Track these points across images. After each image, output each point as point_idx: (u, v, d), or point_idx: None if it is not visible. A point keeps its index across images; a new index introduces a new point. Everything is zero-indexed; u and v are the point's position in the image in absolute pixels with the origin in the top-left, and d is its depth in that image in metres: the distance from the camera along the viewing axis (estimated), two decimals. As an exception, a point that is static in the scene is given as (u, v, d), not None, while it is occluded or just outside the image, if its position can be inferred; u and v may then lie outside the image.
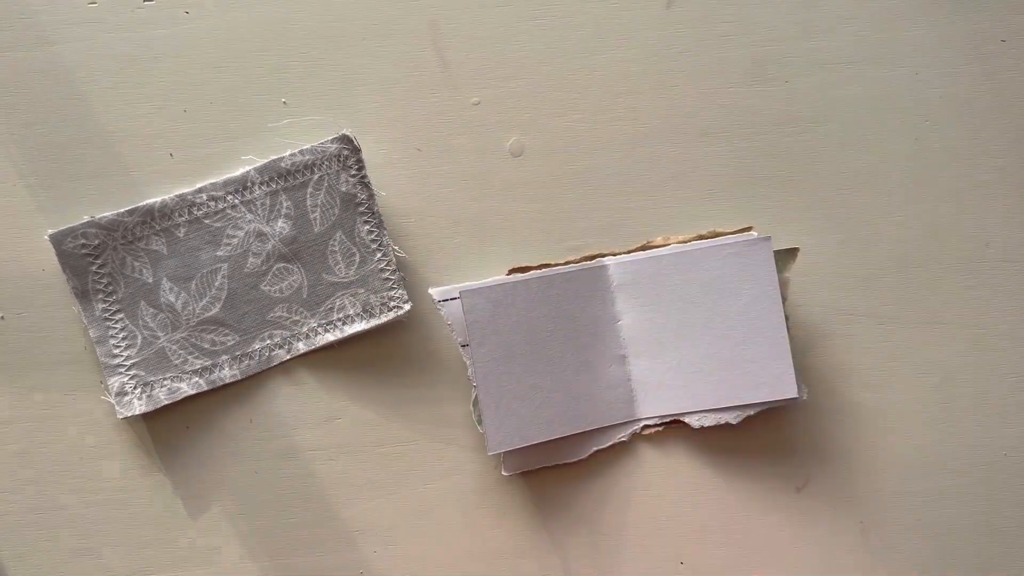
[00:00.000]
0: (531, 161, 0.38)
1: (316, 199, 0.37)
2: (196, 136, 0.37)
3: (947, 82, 0.38)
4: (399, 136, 0.37)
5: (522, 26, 0.37)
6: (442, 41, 0.37)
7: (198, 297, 0.36)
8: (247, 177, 0.36)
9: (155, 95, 0.37)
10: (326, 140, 0.36)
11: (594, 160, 0.38)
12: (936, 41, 0.38)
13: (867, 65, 0.38)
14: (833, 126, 0.38)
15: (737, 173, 0.38)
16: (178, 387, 0.36)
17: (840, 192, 0.38)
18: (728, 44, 0.38)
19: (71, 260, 0.36)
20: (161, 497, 0.37)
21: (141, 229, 0.36)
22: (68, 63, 0.37)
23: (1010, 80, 0.38)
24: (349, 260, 0.37)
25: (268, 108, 0.37)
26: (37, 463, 0.37)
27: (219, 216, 0.36)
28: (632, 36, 0.38)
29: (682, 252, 0.36)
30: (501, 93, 0.37)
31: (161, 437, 0.37)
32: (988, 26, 0.38)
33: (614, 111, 0.38)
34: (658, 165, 0.38)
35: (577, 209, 0.37)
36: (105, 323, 0.36)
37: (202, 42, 0.37)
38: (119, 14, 0.37)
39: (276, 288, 0.37)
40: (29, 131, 0.37)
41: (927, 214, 0.38)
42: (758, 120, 0.38)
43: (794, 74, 0.38)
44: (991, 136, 0.38)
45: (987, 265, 0.38)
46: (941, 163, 0.38)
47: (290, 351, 0.37)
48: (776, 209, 0.38)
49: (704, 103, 0.38)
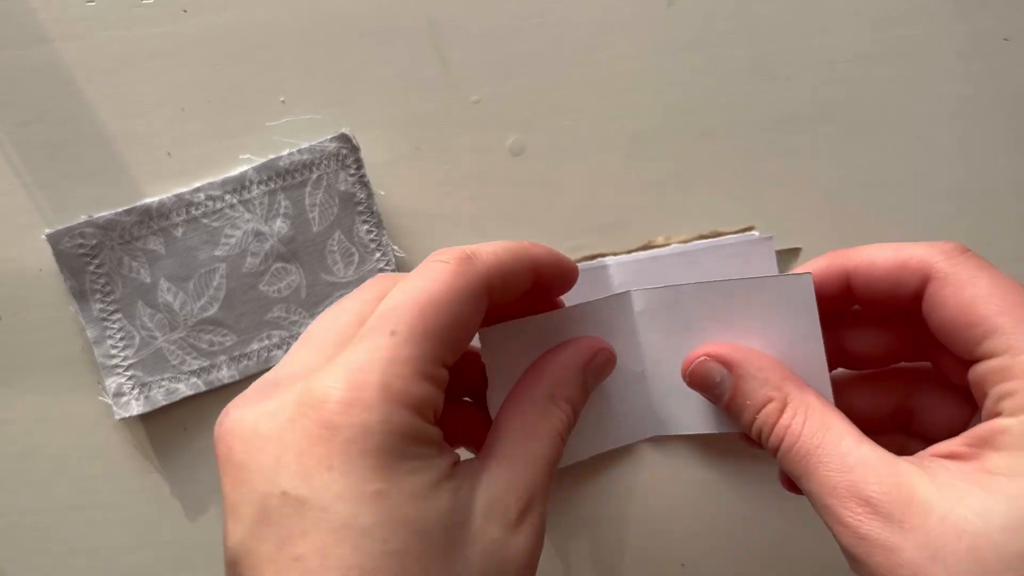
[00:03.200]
0: (531, 161, 0.37)
1: (315, 198, 0.36)
2: (194, 135, 0.37)
3: (948, 82, 0.38)
4: (398, 135, 0.37)
5: (522, 25, 0.37)
6: (442, 39, 0.37)
7: (196, 297, 0.36)
8: (245, 176, 0.36)
9: (153, 94, 0.37)
10: (325, 139, 0.36)
11: (594, 160, 0.37)
12: (937, 41, 0.38)
13: (867, 65, 0.38)
14: (833, 126, 0.38)
15: (737, 173, 0.38)
16: (176, 388, 0.36)
17: (840, 192, 0.38)
18: (729, 43, 0.38)
19: (68, 260, 0.36)
20: (159, 498, 0.37)
21: (139, 229, 0.36)
22: (65, 61, 0.36)
23: (1012, 79, 0.38)
24: (348, 260, 0.37)
25: (266, 107, 0.37)
26: (34, 463, 0.37)
27: (217, 216, 0.36)
28: (633, 35, 0.37)
29: (683, 252, 0.35)
30: (501, 92, 0.37)
31: (159, 438, 0.37)
32: (990, 25, 0.38)
33: (614, 111, 0.37)
34: (658, 165, 0.38)
35: (577, 209, 0.37)
36: (103, 323, 0.36)
37: (200, 41, 0.37)
38: (117, 12, 0.36)
39: (274, 288, 0.37)
40: (26, 130, 0.36)
41: (927, 214, 0.38)
42: (758, 120, 0.38)
43: (795, 73, 0.38)
44: (992, 136, 0.38)
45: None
46: (941, 163, 0.38)
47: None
48: (776, 209, 0.38)
49: (704, 102, 0.38)
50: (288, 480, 0.23)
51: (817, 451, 0.27)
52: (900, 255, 0.29)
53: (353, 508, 0.22)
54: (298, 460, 0.23)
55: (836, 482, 0.26)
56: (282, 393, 0.24)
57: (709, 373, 0.31)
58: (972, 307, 0.27)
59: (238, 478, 0.24)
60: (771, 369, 0.30)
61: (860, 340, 0.32)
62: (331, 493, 0.22)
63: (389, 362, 0.24)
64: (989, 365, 0.26)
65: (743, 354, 0.30)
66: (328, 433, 0.23)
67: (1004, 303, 0.26)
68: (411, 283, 0.26)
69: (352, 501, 0.22)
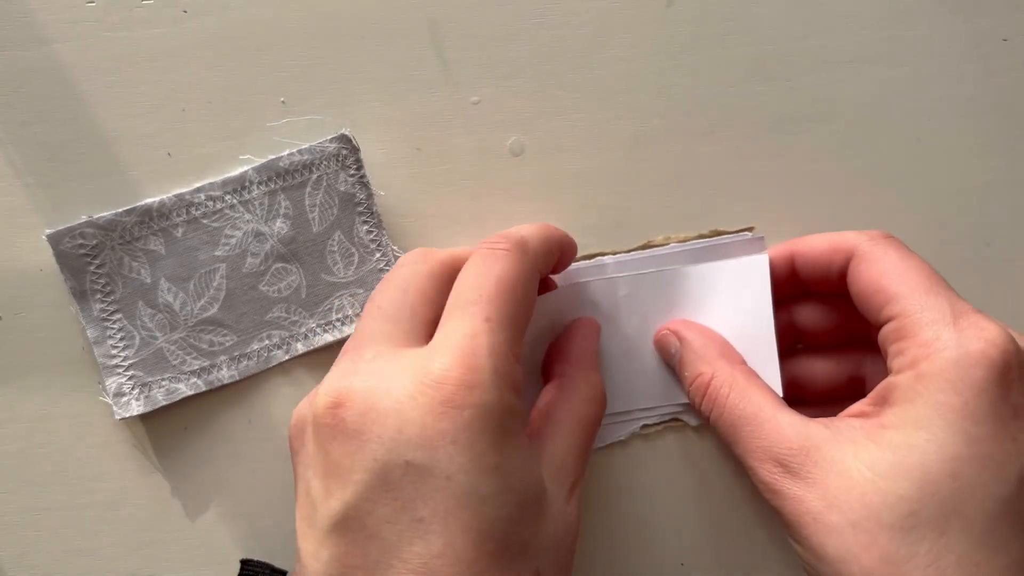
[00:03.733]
0: (531, 161, 0.37)
1: (315, 199, 0.36)
2: (194, 136, 0.37)
3: (948, 82, 0.38)
4: (398, 135, 0.37)
5: (522, 25, 0.37)
6: (442, 40, 0.37)
7: (196, 297, 0.36)
8: (245, 177, 0.36)
9: (153, 94, 0.37)
10: (325, 139, 0.36)
11: (594, 160, 0.37)
12: (937, 40, 0.38)
13: (867, 65, 0.38)
14: (833, 126, 0.38)
15: (737, 173, 0.38)
16: (176, 388, 0.36)
17: (840, 192, 0.38)
18: (729, 43, 0.38)
19: (69, 260, 0.36)
20: (159, 498, 0.37)
21: (139, 229, 0.36)
22: (66, 62, 0.36)
23: (1012, 80, 0.38)
24: (348, 260, 0.37)
25: (266, 107, 0.37)
26: (35, 463, 0.37)
27: (217, 216, 0.36)
28: (632, 35, 0.37)
29: (682, 251, 0.36)
30: (501, 92, 0.37)
31: (159, 438, 0.37)
32: (989, 25, 0.38)
33: (614, 111, 0.37)
34: (658, 165, 0.38)
35: (577, 209, 0.37)
36: (103, 323, 0.36)
37: (200, 41, 0.37)
38: (117, 13, 0.37)
39: (274, 288, 0.37)
40: (26, 130, 0.36)
41: (927, 214, 0.38)
42: (758, 120, 0.38)
43: (795, 73, 0.38)
44: (992, 136, 0.38)
45: (987, 265, 0.38)
46: (941, 163, 0.38)
47: (289, 352, 0.37)
48: (776, 209, 0.38)
49: (704, 102, 0.38)
50: (412, 451, 0.25)
51: (740, 420, 0.31)
52: (833, 239, 0.33)
53: (475, 479, 0.25)
54: (421, 433, 0.25)
55: (756, 446, 0.30)
56: (391, 369, 0.27)
57: (667, 344, 0.35)
58: (879, 278, 0.30)
59: (351, 447, 0.26)
60: (709, 346, 0.34)
61: (811, 318, 0.35)
62: (455, 465, 0.25)
63: (493, 347, 0.27)
64: (887, 328, 0.30)
65: (691, 331, 0.34)
66: (453, 411, 0.26)
67: (905, 275, 0.30)
68: (484, 269, 0.29)
69: (474, 473, 0.25)
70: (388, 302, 0.30)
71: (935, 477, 0.26)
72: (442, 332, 0.28)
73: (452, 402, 0.26)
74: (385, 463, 0.25)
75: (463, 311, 0.28)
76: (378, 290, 0.31)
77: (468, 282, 0.29)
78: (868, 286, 0.31)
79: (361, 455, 0.26)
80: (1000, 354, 0.27)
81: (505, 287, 0.28)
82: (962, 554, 0.26)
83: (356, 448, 0.26)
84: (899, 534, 0.26)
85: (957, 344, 0.27)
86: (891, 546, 0.26)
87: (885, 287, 0.30)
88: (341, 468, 0.26)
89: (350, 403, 0.26)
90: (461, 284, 0.29)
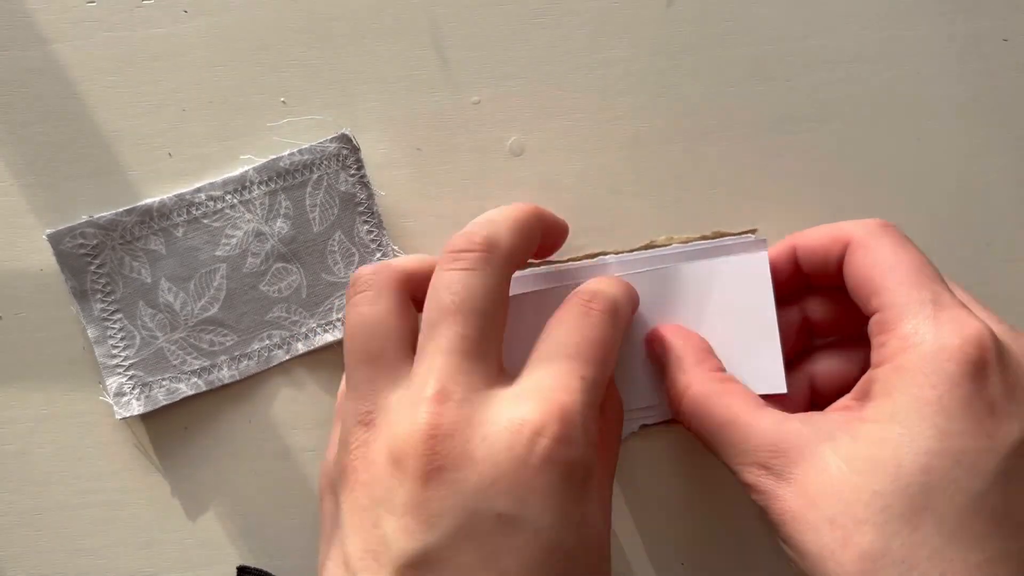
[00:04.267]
0: (531, 161, 0.37)
1: (315, 199, 0.36)
2: (194, 135, 0.37)
3: (948, 82, 0.38)
4: (399, 135, 0.37)
5: (522, 25, 0.37)
6: (442, 40, 0.37)
7: (196, 297, 0.36)
8: (246, 177, 0.36)
9: (153, 94, 0.37)
10: (325, 139, 0.36)
11: (594, 160, 0.37)
12: (937, 40, 0.38)
13: (867, 65, 0.38)
14: (833, 126, 0.38)
15: (737, 173, 0.38)
16: (176, 387, 0.36)
17: (840, 192, 0.38)
18: (729, 43, 0.38)
19: (69, 260, 0.36)
20: (159, 498, 0.37)
21: (139, 229, 0.36)
22: (66, 62, 0.37)
23: (1012, 80, 0.38)
24: (348, 260, 0.37)
25: (267, 107, 0.37)
26: (35, 463, 0.37)
27: (218, 216, 0.36)
28: (632, 35, 0.37)
29: (684, 251, 0.36)
30: (501, 92, 0.37)
31: (159, 438, 0.37)
32: (989, 25, 0.38)
33: (614, 111, 0.38)
34: (658, 165, 0.38)
35: (577, 209, 0.37)
36: (103, 323, 0.36)
37: (201, 41, 0.37)
38: (117, 13, 0.37)
39: (275, 288, 0.37)
40: (26, 130, 0.36)
41: (927, 214, 0.38)
42: (758, 120, 0.38)
43: (795, 73, 0.38)
44: (992, 136, 0.38)
45: (988, 265, 0.38)
46: (941, 163, 0.38)
47: (289, 351, 0.37)
48: (776, 209, 0.38)
49: (704, 103, 0.38)
50: (503, 503, 0.25)
51: (719, 428, 0.31)
52: (832, 231, 0.32)
53: (561, 533, 0.26)
54: (514, 486, 0.26)
55: (738, 450, 0.30)
56: (483, 414, 0.27)
57: (653, 349, 0.35)
58: (870, 268, 0.30)
59: (440, 490, 0.26)
60: (687, 354, 0.33)
61: (820, 312, 0.35)
62: (545, 520, 0.26)
63: (585, 405, 0.27)
64: (873, 320, 0.30)
65: (675, 338, 0.34)
66: (547, 466, 0.26)
67: (894, 267, 0.30)
68: (587, 331, 0.29)
69: (559, 527, 0.26)
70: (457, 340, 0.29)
71: (907, 471, 0.26)
72: (532, 380, 0.28)
73: (546, 457, 0.26)
74: (475, 512, 0.25)
75: (559, 365, 0.28)
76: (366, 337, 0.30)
77: (565, 337, 0.29)
78: (859, 277, 0.30)
79: (453, 501, 0.25)
80: (976, 349, 0.27)
81: (600, 354, 0.29)
82: (935, 549, 0.25)
83: (447, 493, 0.25)
84: (873, 529, 0.26)
85: (935, 338, 0.27)
86: (866, 541, 0.26)
87: (872, 278, 0.30)
88: (429, 509, 0.25)
89: (441, 449, 0.26)
90: (557, 335, 0.29)
